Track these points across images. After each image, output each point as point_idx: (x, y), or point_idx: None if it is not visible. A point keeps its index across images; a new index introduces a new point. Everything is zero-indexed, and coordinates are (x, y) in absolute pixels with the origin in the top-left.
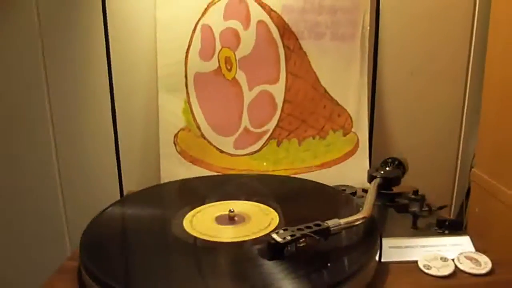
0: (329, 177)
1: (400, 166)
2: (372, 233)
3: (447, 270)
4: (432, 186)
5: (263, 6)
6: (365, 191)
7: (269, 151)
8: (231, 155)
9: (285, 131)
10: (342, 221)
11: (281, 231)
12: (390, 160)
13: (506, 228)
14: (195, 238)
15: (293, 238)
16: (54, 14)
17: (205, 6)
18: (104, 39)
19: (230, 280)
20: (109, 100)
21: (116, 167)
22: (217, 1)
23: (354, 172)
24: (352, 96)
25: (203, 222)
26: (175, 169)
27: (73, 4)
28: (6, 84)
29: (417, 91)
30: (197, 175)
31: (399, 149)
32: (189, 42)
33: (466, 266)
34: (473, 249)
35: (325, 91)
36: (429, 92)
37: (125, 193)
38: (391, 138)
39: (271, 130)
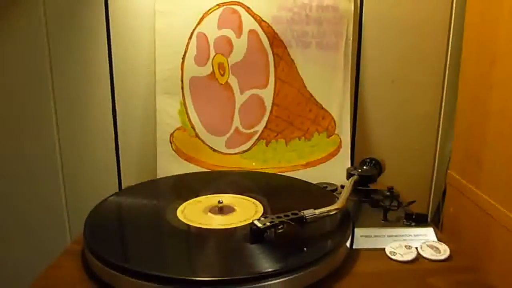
0: (313, 175)
1: (377, 165)
2: (345, 223)
3: (410, 256)
4: (411, 186)
5: (255, 16)
6: (344, 187)
7: (258, 150)
8: (223, 153)
9: (273, 132)
10: (317, 211)
11: (262, 218)
12: (368, 160)
13: (475, 225)
14: (187, 225)
15: (272, 224)
16: (61, 21)
17: (201, 16)
18: (106, 45)
19: (215, 259)
20: (110, 101)
21: (115, 163)
22: (212, 11)
23: (336, 171)
24: (335, 100)
25: (194, 212)
26: (171, 166)
27: (79, 12)
28: (14, 84)
29: (397, 98)
30: (191, 172)
31: (380, 150)
32: (185, 49)
33: (427, 253)
34: (435, 239)
35: (311, 95)
36: (409, 99)
37: (123, 188)
38: (372, 140)
39: (260, 131)
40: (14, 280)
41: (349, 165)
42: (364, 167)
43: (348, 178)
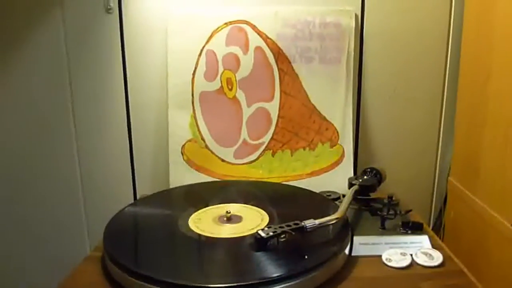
0: (317, 184)
1: (377, 175)
2: (344, 232)
3: (405, 263)
4: (413, 193)
5: (260, 34)
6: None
7: (265, 160)
8: (231, 163)
9: (279, 143)
10: (318, 221)
11: (266, 228)
12: (369, 170)
13: (474, 231)
14: (198, 234)
15: (274, 233)
16: (78, 39)
17: (210, 34)
18: (121, 62)
19: (224, 266)
20: (125, 115)
21: (130, 173)
22: (220, 30)
23: (340, 180)
24: (338, 112)
25: (205, 221)
26: (182, 176)
27: (95, 30)
28: (35, 99)
29: (398, 108)
30: (201, 181)
31: (382, 159)
32: (195, 65)
33: (421, 260)
34: (430, 246)
35: (315, 108)
36: (409, 109)
37: (138, 196)
38: (375, 149)
39: (266, 142)
40: (36, 285)
41: (352, 174)
42: (365, 176)
43: (349, 187)
